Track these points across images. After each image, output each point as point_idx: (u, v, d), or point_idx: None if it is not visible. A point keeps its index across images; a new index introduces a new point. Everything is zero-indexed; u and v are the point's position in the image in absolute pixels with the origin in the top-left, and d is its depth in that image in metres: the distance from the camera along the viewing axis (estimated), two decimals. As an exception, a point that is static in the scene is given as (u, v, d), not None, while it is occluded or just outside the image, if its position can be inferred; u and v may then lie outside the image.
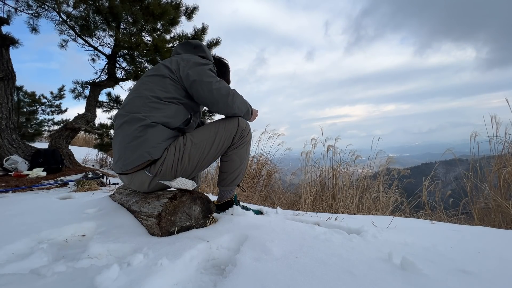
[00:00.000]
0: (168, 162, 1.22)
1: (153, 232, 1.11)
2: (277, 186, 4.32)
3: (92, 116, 4.24)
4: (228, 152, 1.38)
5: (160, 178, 1.24)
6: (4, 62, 3.32)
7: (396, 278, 0.73)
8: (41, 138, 7.54)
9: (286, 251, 0.91)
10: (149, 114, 1.21)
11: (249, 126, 1.41)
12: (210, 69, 1.32)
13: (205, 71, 1.30)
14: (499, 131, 2.91)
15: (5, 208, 1.65)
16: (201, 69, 1.29)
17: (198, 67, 1.30)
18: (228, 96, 1.28)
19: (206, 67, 1.31)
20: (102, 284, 0.69)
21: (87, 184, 2.53)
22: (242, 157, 1.41)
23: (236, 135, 1.34)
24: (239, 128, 1.34)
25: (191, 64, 1.30)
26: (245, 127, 1.37)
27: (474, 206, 2.71)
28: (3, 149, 3.23)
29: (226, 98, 1.28)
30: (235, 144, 1.37)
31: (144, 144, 1.18)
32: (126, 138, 1.20)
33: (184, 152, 1.24)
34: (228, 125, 1.33)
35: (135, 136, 1.19)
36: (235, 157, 1.39)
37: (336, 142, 3.85)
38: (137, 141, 1.19)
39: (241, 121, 1.36)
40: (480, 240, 1.20)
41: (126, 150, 1.20)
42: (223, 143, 1.33)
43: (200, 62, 1.32)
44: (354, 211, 3.20)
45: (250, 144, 1.46)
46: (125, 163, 1.21)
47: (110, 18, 3.79)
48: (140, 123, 1.19)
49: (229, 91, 1.29)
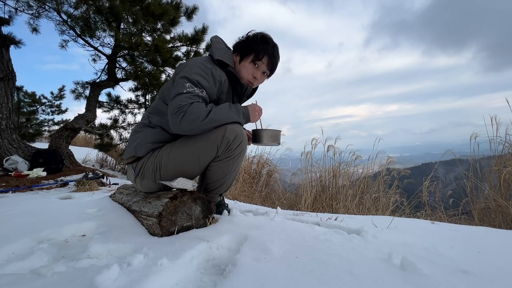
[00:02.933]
0: (148, 165, 1.24)
1: (154, 232, 1.11)
2: (277, 186, 4.32)
3: (92, 116, 4.24)
4: (212, 163, 1.22)
5: (143, 178, 1.29)
6: (4, 62, 3.32)
7: (396, 278, 0.73)
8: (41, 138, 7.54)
9: (286, 251, 0.91)
10: (151, 116, 1.30)
11: (240, 138, 1.16)
12: (186, 77, 1.13)
13: (179, 80, 1.14)
14: (499, 131, 2.91)
15: (5, 208, 1.65)
16: (180, 79, 1.15)
17: (183, 73, 1.16)
18: (173, 114, 1.08)
19: (188, 71, 1.15)
20: (102, 284, 0.69)
21: (87, 184, 2.53)
22: (226, 171, 1.24)
23: (221, 147, 1.15)
24: (224, 139, 1.13)
25: (182, 67, 1.21)
26: (233, 139, 1.14)
27: (474, 206, 2.71)
28: (3, 149, 3.23)
29: (172, 116, 1.09)
30: (220, 156, 1.19)
31: (136, 140, 1.28)
32: (133, 131, 1.35)
33: (162, 159, 1.21)
34: (212, 134, 1.14)
35: (135, 130, 1.33)
36: (217, 169, 1.23)
37: (336, 142, 3.85)
38: (134, 135, 1.31)
39: (229, 131, 1.13)
40: (480, 240, 1.20)
41: (129, 142, 1.35)
42: (205, 154, 1.17)
43: (189, 65, 1.18)
44: (354, 211, 3.19)
45: (240, 158, 1.23)
46: (125, 153, 1.34)
47: (110, 18, 3.79)
48: (143, 121, 1.33)
49: (180, 108, 1.06)
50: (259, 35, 1.28)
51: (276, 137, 1.27)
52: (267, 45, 1.27)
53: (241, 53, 1.28)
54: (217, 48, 1.28)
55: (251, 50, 1.26)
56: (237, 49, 1.31)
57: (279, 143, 1.29)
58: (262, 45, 1.26)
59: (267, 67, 1.30)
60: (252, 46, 1.26)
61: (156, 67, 4.40)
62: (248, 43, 1.27)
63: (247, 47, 1.27)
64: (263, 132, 1.26)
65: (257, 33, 1.30)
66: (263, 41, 1.27)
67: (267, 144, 1.29)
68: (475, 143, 3.02)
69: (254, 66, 1.28)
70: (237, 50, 1.31)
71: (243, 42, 1.30)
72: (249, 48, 1.26)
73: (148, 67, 4.44)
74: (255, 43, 1.26)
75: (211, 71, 1.18)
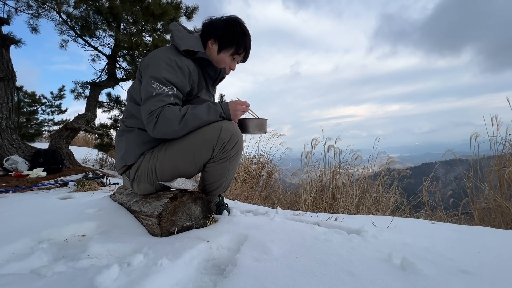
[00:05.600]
0: (143, 168, 1.22)
1: (153, 232, 1.11)
2: (277, 186, 4.32)
3: (92, 116, 4.24)
4: (208, 164, 1.20)
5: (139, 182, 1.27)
6: (4, 62, 3.32)
7: (396, 278, 0.73)
8: (41, 138, 7.54)
9: (286, 251, 0.91)
10: (125, 119, 1.27)
11: (236, 138, 1.14)
12: (152, 77, 1.10)
13: (146, 80, 1.11)
14: (499, 131, 2.91)
15: (5, 208, 1.65)
16: (146, 79, 1.12)
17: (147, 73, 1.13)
18: (146, 120, 1.08)
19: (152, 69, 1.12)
20: (102, 284, 0.70)
21: (87, 184, 2.53)
22: (222, 173, 1.22)
23: (216, 148, 1.13)
24: (219, 140, 1.11)
25: (144, 64, 1.17)
26: (228, 139, 1.12)
27: (474, 206, 2.71)
28: (3, 149, 3.23)
29: (146, 122, 1.08)
30: (215, 157, 1.17)
31: (121, 150, 1.25)
32: (115, 142, 1.32)
33: (158, 161, 1.19)
34: (206, 135, 1.12)
35: (117, 140, 1.29)
36: (214, 171, 1.22)
37: (336, 142, 3.85)
38: (118, 146, 1.28)
39: (224, 132, 1.11)
40: (480, 240, 1.20)
41: (116, 153, 1.31)
42: (200, 154, 1.15)
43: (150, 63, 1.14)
44: (354, 211, 3.19)
45: (236, 159, 1.21)
46: (116, 165, 1.33)
47: (110, 18, 3.79)
48: (120, 128, 1.28)
49: (152, 114, 1.05)
50: (238, 25, 1.24)
51: (262, 125, 1.29)
52: (245, 38, 1.26)
53: (220, 43, 1.24)
54: (179, 37, 1.21)
55: (231, 43, 1.24)
56: (215, 37, 1.24)
57: (266, 132, 1.32)
58: (242, 38, 1.25)
59: (243, 59, 1.34)
60: (232, 38, 1.23)
61: (156, 67, 4.40)
62: (227, 34, 1.23)
63: (227, 39, 1.23)
64: (249, 121, 1.27)
65: (234, 21, 1.24)
66: (243, 34, 1.25)
67: (253, 133, 1.32)
68: (476, 143, 3.02)
69: (232, 59, 1.29)
70: (214, 37, 1.24)
71: (221, 31, 1.23)
72: (229, 40, 1.24)
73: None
74: (234, 35, 1.23)
75: (176, 63, 1.13)
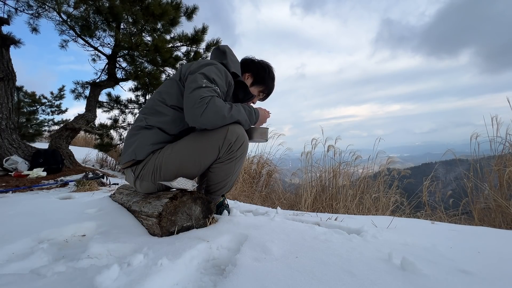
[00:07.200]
0: (149, 167, 1.23)
1: (154, 232, 1.11)
2: (277, 186, 4.32)
3: (92, 116, 4.25)
4: (214, 165, 1.24)
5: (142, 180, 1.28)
6: (4, 62, 3.32)
7: (396, 278, 0.73)
8: (41, 138, 7.54)
9: (286, 251, 0.91)
10: (148, 117, 1.27)
11: (242, 139, 1.18)
12: (203, 74, 1.16)
13: (196, 75, 1.15)
14: (499, 131, 2.91)
15: (5, 208, 1.65)
16: (196, 74, 1.17)
17: (197, 71, 1.19)
18: (194, 105, 1.07)
19: (204, 69, 1.18)
20: (102, 284, 0.69)
21: (87, 184, 2.54)
22: (228, 173, 1.26)
23: (222, 148, 1.17)
24: (225, 141, 1.15)
25: (194, 67, 1.22)
26: (235, 140, 1.16)
27: (474, 206, 2.71)
28: (3, 149, 3.23)
29: (193, 108, 1.08)
30: (221, 158, 1.20)
31: (134, 144, 1.25)
32: (127, 135, 1.32)
33: (163, 160, 1.20)
34: (213, 135, 1.16)
35: (131, 134, 1.29)
36: (219, 171, 1.26)
37: (336, 142, 3.84)
38: (131, 139, 1.27)
39: (231, 133, 1.15)
40: (480, 240, 1.20)
41: (125, 146, 1.31)
42: (205, 155, 1.18)
43: (201, 65, 1.22)
44: (354, 211, 3.19)
45: (241, 160, 1.26)
46: (122, 158, 1.31)
47: (110, 18, 3.79)
48: (138, 123, 1.28)
49: (203, 100, 1.07)
50: (271, 70, 1.48)
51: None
52: (273, 82, 1.50)
53: (255, 78, 1.46)
54: (233, 61, 1.39)
55: (263, 83, 1.47)
56: (252, 72, 1.46)
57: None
58: (271, 82, 1.49)
59: (263, 98, 1.56)
60: (264, 79, 1.47)
61: (156, 67, 4.41)
62: (262, 74, 1.46)
63: (261, 78, 1.46)
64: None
65: (269, 66, 1.48)
66: (272, 78, 1.49)
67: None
68: (476, 143, 3.02)
69: (257, 94, 1.50)
70: (252, 72, 1.46)
71: (259, 70, 1.46)
72: (262, 80, 1.46)
73: (148, 67, 4.44)
74: (266, 77, 1.47)
75: (224, 72, 1.26)
